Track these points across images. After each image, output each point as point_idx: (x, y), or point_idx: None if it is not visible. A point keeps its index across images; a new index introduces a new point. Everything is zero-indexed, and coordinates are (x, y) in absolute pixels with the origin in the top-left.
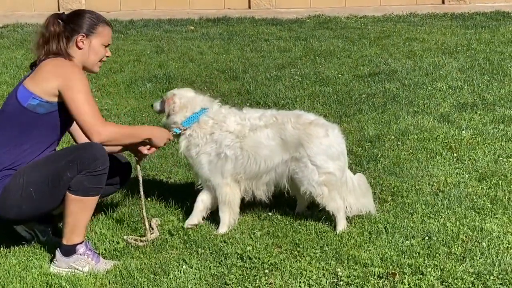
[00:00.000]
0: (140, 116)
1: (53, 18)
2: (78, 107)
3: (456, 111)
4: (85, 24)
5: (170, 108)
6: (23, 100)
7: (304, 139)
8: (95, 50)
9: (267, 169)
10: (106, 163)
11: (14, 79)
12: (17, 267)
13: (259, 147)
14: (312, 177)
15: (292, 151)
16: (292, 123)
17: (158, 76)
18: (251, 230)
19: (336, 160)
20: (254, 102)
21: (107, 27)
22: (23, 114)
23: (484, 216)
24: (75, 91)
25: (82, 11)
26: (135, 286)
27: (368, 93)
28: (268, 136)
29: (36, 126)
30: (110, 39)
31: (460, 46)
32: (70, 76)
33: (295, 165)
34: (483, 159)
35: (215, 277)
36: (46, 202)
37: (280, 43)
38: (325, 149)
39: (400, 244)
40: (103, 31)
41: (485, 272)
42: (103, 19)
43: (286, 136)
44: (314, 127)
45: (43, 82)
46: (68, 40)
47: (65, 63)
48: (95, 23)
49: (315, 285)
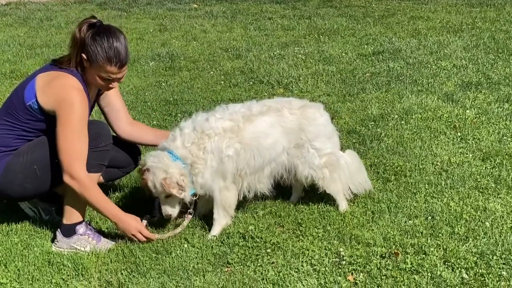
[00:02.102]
0: (143, 95)
1: (85, 23)
2: (62, 142)
3: (461, 90)
4: (92, 48)
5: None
6: (27, 98)
7: (304, 123)
8: (92, 77)
9: (270, 160)
10: (108, 140)
11: (17, 57)
12: (19, 246)
13: (260, 137)
14: (313, 161)
15: (294, 138)
16: (288, 109)
17: (161, 54)
18: (253, 209)
19: (332, 138)
20: (257, 81)
21: (112, 67)
22: (24, 109)
23: (487, 196)
24: (64, 123)
25: (107, 33)
26: (137, 265)
27: (372, 72)
28: (268, 124)
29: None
30: (112, 75)
31: (465, 25)
32: (64, 105)
33: (297, 152)
34: (487, 138)
35: (217, 256)
36: (50, 179)
37: (283, 21)
38: (322, 129)
39: (403, 224)
40: (105, 67)
41: (488, 252)
42: (112, 56)
43: (286, 123)
44: (309, 109)
45: (46, 96)
46: (80, 52)
47: (67, 86)
48: (101, 54)
49: (318, 265)
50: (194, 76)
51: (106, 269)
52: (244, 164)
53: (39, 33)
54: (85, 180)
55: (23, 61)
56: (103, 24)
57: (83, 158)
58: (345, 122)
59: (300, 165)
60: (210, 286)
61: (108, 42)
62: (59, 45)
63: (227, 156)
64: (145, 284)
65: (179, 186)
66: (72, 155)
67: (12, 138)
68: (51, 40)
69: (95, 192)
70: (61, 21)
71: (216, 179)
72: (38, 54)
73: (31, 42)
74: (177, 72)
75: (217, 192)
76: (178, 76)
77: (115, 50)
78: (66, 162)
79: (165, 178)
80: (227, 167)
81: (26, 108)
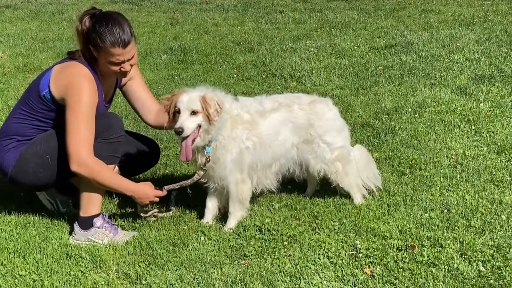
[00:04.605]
0: (156, 88)
1: (86, 15)
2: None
3: (474, 83)
4: (94, 38)
5: (213, 112)
6: (42, 88)
7: (313, 118)
8: (105, 66)
9: (280, 156)
10: (120, 132)
11: (29, 51)
12: (37, 238)
13: (273, 134)
14: (324, 155)
15: (303, 134)
16: (298, 105)
17: (173, 48)
18: (269, 202)
19: (342, 132)
20: (270, 74)
21: (116, 48)
22: (38, 99)
23: (503, 189)
24: (71, 109)
25: (106, 18)
26: (154, 257)
27: (384, 65)
28: (280, 121)
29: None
30: (120, 58)
31: (477, 18)
32: (73, 91)
33: (307, 147)
34: (502, 131)
35: (234, 248)
36: (63, 168)
37: (295, 14)
38: (332, 124)
39: (419, 217)
40: (110, 51)
41: (505, 245)
42: (113, 38)
43: (296, 118)
44: (318, 104)
45: (57, 84)
46: (86, 44)
47: (77, 74)
48: (103, 40)
49: (334, 257)
50: (207, 70)
51: (124, 262)
52: (257, 159)
53: (51, 27)
54: (94, 164)
55: (36, 55)
56: (102, 12)
57: (90, 146)
58: (359, 116)
59: (312, 160)
60: (228, 279)
61: (107, 27)
62: (71, 38)
63: (246, 147)
64: (163, 276)
65: (217, 107)
66: (79, 142)
67: (27, 128)
68: (63, 34)
69: (105, 173)
70: (72, 15)
71: (234, 171)
72: (51, 47)
73: (43, 35)
74: (190, 66)
75: (233, 185)
76: (191, 70)
77: (115, 32)
78: (73, 149)
79: (208, 95)
80: (245, 159)
81: (40, 98)
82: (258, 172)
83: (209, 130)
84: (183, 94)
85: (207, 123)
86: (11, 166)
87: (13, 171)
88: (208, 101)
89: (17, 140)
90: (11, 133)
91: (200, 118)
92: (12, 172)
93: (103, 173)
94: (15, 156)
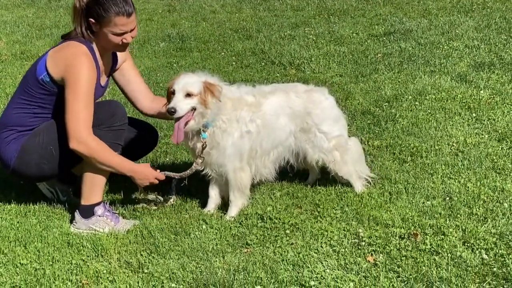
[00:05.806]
0: (155, 76)
1: None
2: (68, 104)
3: (474, 70)
4: (97, 9)
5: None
6: (39, 72)
7: (310, 106)
8: (106, 39)
9: (279, 143)
10: (123, 120)
11: (26, 38)
12: (38, 227)
13: (274, 116)
14: (322, 145)
15: (300, 122)
16: (294, 92)
17: (171, 35)
18: (270, 190)
19: (338, 121)
20: (269, 62)
21: (120, 17)
22: (37, 84)
23: (505, 177)
24: (70, 87)
25: None
26: (156, 246)
27: (383, 53)
28: (279, 104)
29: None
30: (123, 28)
31: (475, 5)
32: (72, 70)
33: (304, 136)
34: (502, 119)
35: (236, 237)
36: (66, 159)
37: (293, 1)
38: (328, 113)
39: (421, 205)
40: (114, 21)
41: (507, 233)
42: (117, 8)
43: (294, 105)
44: (315, 93)
45: (55, 65)
46: (86, 20)
47: (75, 52)
48: (107, 10)
49: (337, 246)
50: (205, 57)
51: (126, 250)
52: (257, 144)
53: (47, 14)
54: (93, 142)
55: (33, 42)
56: None
57: (89, 124)
58: (359, 103)
59: (309, 150)
60: (230, 267)
61: None
62: (68, 25)
63: (247, 131)
64: (165, 265)
65: (218, 93)
66: (79, 120)
67: (28, 117)
68: (60, 21)
69: (105, 152)
70: (69, 2)
71: (233, 157)
72: (48, 35)
73: (40, 23)
74: (188, 53)
75: (231, 173)
76: (189, 57)
77: (118, 2)
78: (73, 127)
79: (210, 81)
80: (246, 144)
81: (39, 83)
82: (256, 160)
83: (204, 113)
84: (180, 76)
85: (203, 106)
86: (13, 158)
87: (16, 163)
88: (208, 87)
89: (18, 131)
90: (10, 124)
91: (195, 101)
92: (14, 164)
93: (103, 152)
94: (17, 148)
